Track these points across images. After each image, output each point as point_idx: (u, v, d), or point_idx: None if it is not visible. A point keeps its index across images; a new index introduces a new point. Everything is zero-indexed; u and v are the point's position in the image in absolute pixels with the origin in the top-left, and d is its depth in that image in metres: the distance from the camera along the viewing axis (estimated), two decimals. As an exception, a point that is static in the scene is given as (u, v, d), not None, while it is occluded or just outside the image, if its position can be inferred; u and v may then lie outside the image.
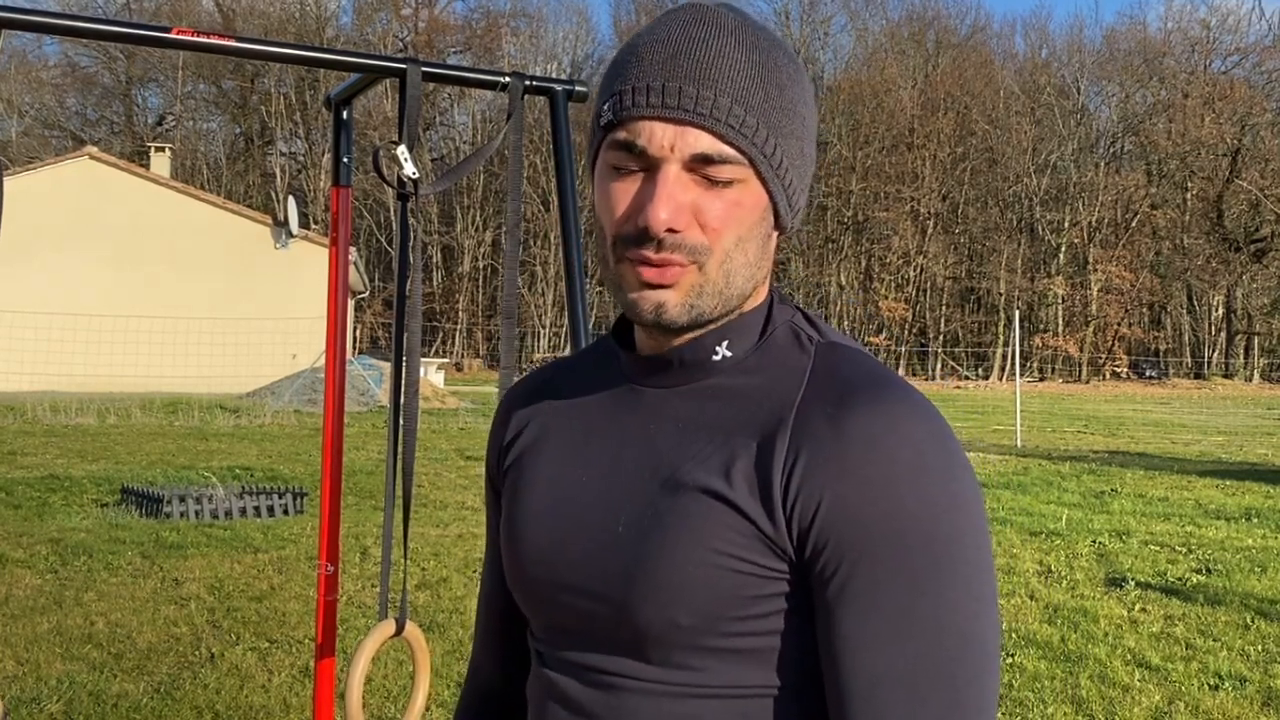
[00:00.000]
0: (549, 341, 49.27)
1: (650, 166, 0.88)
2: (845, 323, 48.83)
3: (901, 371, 43.84)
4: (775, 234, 0.94)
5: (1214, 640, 5.56)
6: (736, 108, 0.87)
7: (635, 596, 0.89)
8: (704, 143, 0.87)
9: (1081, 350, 49.72)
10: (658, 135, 0.87)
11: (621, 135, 0.88)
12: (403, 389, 2.00)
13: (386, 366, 22.92)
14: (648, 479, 0.92)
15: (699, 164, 0.87)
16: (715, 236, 0.88)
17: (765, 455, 0.87)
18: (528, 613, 1.00)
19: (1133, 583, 6.78)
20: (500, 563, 1.11)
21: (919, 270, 50.71)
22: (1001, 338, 48.50)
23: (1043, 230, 51.65)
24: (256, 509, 8.58)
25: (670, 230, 0.87)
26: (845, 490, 0.84)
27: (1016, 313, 20.61)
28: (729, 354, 0.93)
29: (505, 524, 1.02)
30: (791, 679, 0.88)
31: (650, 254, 0.87)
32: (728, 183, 0.88)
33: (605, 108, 0.90)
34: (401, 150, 1.91)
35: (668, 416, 0.94)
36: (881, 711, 0.83)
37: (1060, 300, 51.29)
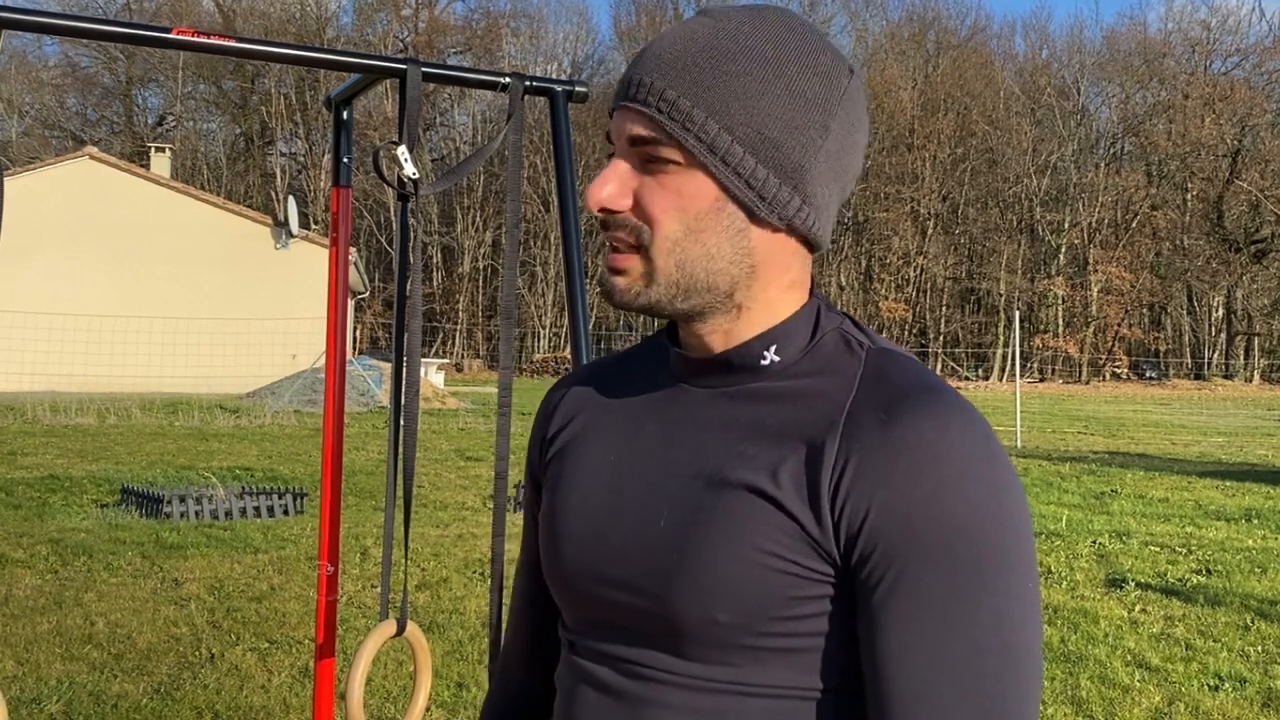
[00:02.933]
0: (549, 342, 49.25)
1: (614, 155, 0.93)
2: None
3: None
4: (764, 230, 0.91)
5: (1214, 641, 5.55)
6: (671, 91, 0.88)
7: (674, 592, 0.89)
8: (637, 127, 0.89)
9: (1081, 351, 49.71)
10: (615, 123, 0.92)
11: (607, 128, 0.94)
12: (403, 389, 2.00)
13: (387, 367, 22.91)
14: (692, 476, 0.92)
15: (637, 149, 0.90)
16: (655, 223, 0.90)
17: (814, 458, 0.87)
18: (561, 604, 1.01)
19: (1133, 583, 6.78)
20: (534, 559, 1.12)
21: (919, 271, 50.70)
22: (1001, 338, 48.49)
23: (1043, 231, 51.65)
24: (256, 509, 8.57)
25: (607, 210, 0.90)
26: (895, 496, 0.84)
27: (1016, 313, 20.61)
28: (777, 358, 0.93)
29: (545, 515, 1.02)
30: (829, 683, 0.88)
31: (608, 235, 0.92)
32: (669, 169, 0.90)
33: None
34: (401, 150, 1.91)
35: (715, 416, 0.94)
36: (923, 718, 0.83)
37: (1060, 301, 51.28)
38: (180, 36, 1.88)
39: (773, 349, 0.93)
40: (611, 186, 0.90)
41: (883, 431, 0.86)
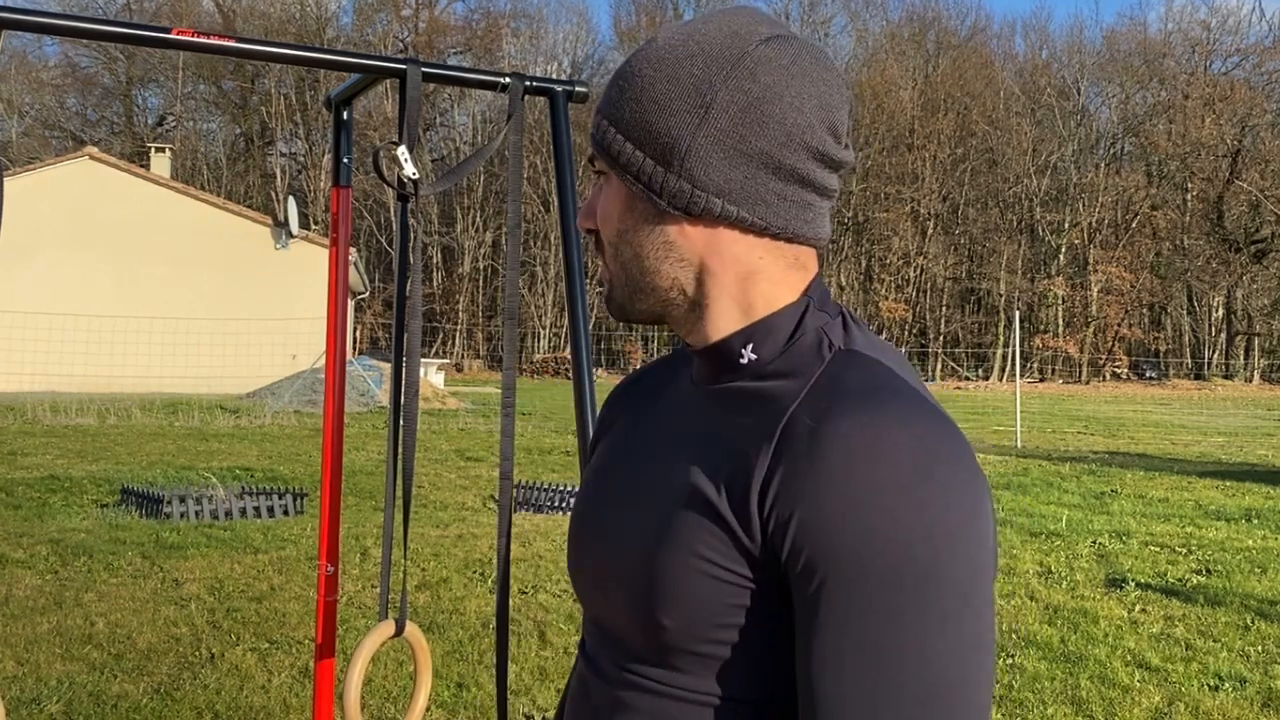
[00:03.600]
0: (549, 342, 49.25)
1: None
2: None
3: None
4: (678, 224, 0.92)
5: (1214, 641, 5.55)
6: (599, 116, 0.95)
7: (629, 593, 0.90)
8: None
9: (1081, 351, 49.70)
10: None
11: None
12: (403, 390, 1.99)
13: (386, 367, 22.91)
14: (664, 478, 0.93)
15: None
16: (601, 233, 0.97)
17: (748, 465, 0.85)
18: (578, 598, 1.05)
19: (1133, 583, 6.78)
20: None
21: (919, 271, 50.69)
22: (1001, 338, 48.49)
23: (1043, 231, 51.65)
24: (256, 509, 8.57)
25: (587, 230, 0.99)
26: (815, 508, 0.80)
27: (1016, 313, 20.62)
28: (754, 356, 0.92)
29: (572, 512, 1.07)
30: (772, 692, 0.86)
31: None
32: (602, 184, 0.97)
33: None
34: (401, 151, 1.91)
35: (701, 416, 0.95)
36: None
37: (1060, 301, 51.27)
38: (180, 36, 1.88)
39: (749, 347, 0.92)
40: (584, 210, 0.99)
41: (809, 440, 0.82)
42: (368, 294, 36.05)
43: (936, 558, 0.78)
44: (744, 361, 0.93)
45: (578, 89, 2.18)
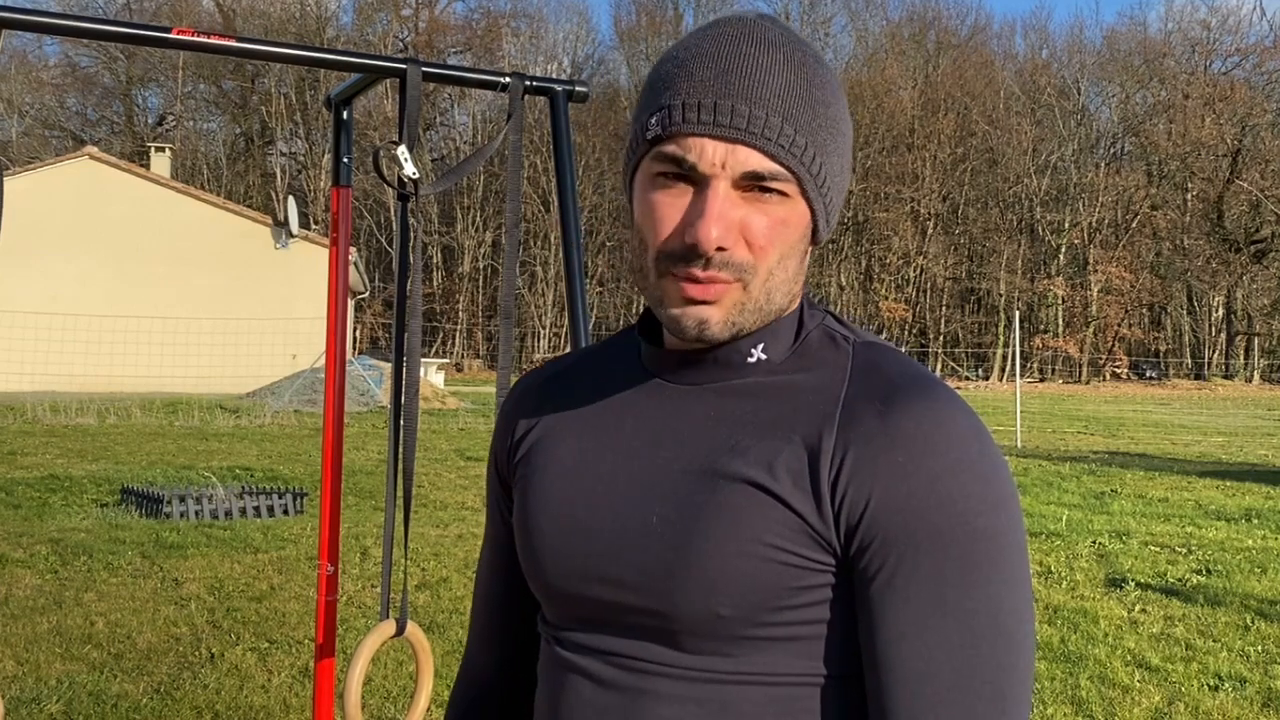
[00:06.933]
0: (549, 342, 49.25)
1: (699, 182, 0.88)
2: (845, 323, 48.83)
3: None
4: (811, 248, 0.96)
5: (1214, 641, 5.55)
6: (786, 126, 0.88)
7: (676, 588, 0.89)
8: (754, 161, 0.87)
9: (1081, 351, 49.71)
10: (708, 152, 0.87)
11: (670, 149, 0.88)
12: (403, 389, 2.00)
13: (387, 367, 22.91)
14: (682, 472, 0.92)
15: (749, 181, 0.88)
16: (761, 254, 0.89)
17: (812, 450, 0.88)
18: (544, 601, 1.00)
19: (1133, 583, 6.78)
20: (499, 558, 1.11)
21: (919, 271, 50.70)
22: (1001, 338, 48.50)
23: (1043, 231, 51.65)
24: (256, 509, 8.57)
25: (719, 249, 0.87)
26: (895, 486, 0.86)
27: (1016, 313, 20.63)
28: (764, 356, 0.95)
29: (520, 516, 1.01)
30: (828, 669, 0.89)
31: (697, 271, 0.88)
32: (775, 200, 0.89)
33: (653, 121, 0.90)
34: (401, 150, 1.91)
35: (698, 411, 0.95)
36: (926, 706, 0.84)
37: (1060, 301, 51.28)
38: (180, 36, 1.88)
39: (759, 347, 0.94)
40: (723, 223, 0.87)
41: (880, 422, 0.87)
42: (368, 294, 36.06)
43: (1002, 525, 0.87)
44: (752, 361, 0.94)
45: (578, 89, 2.18)
